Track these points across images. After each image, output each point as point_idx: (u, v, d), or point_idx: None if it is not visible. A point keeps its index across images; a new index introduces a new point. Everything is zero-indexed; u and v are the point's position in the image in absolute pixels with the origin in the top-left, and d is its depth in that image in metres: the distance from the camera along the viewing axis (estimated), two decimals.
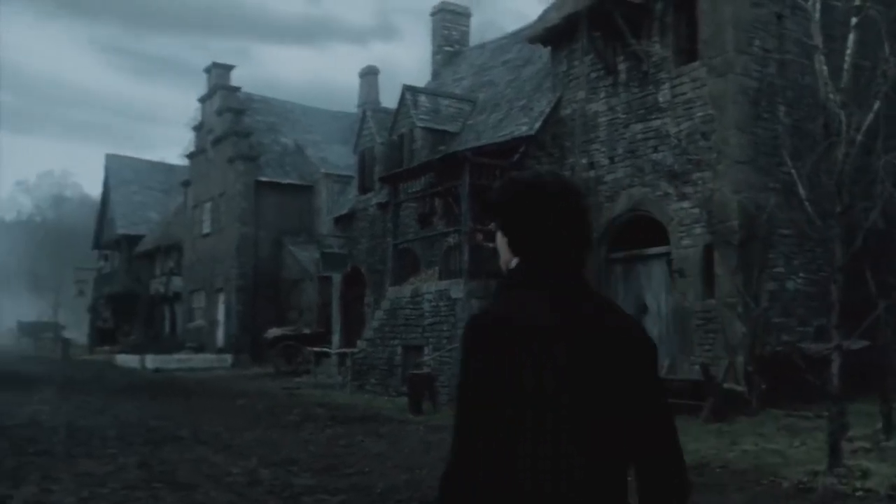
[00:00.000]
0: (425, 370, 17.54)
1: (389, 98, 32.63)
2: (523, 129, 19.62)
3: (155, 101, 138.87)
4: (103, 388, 22.33)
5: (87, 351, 48.17)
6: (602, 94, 18.20)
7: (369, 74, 39.06)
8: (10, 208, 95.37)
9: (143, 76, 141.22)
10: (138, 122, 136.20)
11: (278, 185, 35.40)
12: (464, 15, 29.32)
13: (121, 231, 48.35)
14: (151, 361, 32.35)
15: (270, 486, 8.85)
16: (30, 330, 63.27)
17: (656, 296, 16.99)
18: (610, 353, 1.97)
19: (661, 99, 16.70)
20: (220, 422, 14.76)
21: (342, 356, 22.97)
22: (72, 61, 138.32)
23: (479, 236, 18.42)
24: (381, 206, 24.22)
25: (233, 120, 36.05)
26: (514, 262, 2.11)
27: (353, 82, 39.29)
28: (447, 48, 28.76)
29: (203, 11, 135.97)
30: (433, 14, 29.23)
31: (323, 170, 35.13)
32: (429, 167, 19.46)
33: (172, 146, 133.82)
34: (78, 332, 57.95)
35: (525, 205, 2.09)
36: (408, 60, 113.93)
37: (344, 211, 27.14)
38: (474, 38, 29.38)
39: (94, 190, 52.80)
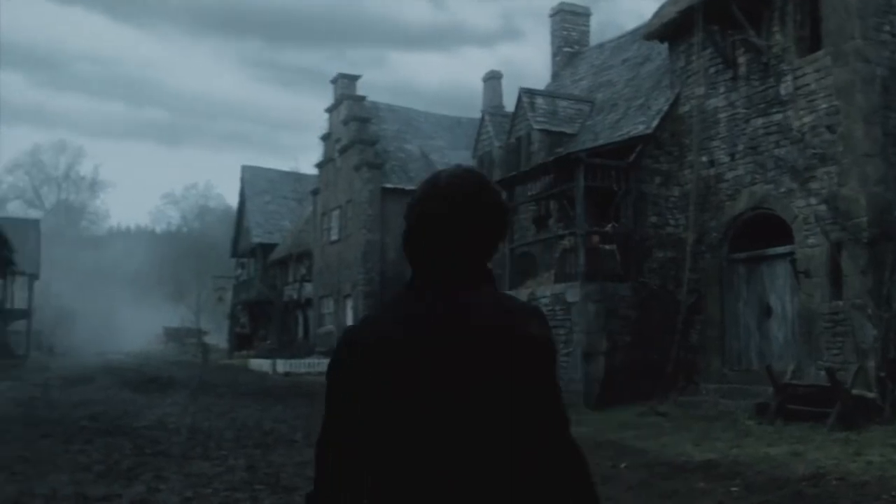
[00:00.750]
0: None
1: (514, 101, 32.55)
2: (640, 128, 19.15)
3: (296, 111, 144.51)
4: (232, 392, 23.10)
5: (227, 355, 50.01)
6: (721, 89, 17.55)
7: (492, 79, 38.96)
8: (161, 220, 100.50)
9: (286, 87, 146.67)
10: (281, 131, 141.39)
11: (403, 191, 35.70)
12: (583, 15, 28.87)
13: (256, 240, 49.99)
14: (281, 365, 33.30)
15: None
16: (175, 335, 66.40)
17: (781, 297, 16.24)
18: (481, 360, 1.81)
19: (782, 91, 15.96)
20: None
21: None
22: (219, 77, 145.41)
23: (595, 238, 18.10)
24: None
25: (358, 128, 36.70)
26: None
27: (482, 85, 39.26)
28: (566, 49, 28.38)
29: (340, 23, 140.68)
30: (552, 15, 28.90)
31: None
32: (543, 170, 19.25)
33: (312, 154, 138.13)
34: (220, 337, 60.29)
35: (406, 212, 1.99)
36: (535, 61, 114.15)
37: None
38: (594, 38, 28.92)
39: (237, 200, 55.06)
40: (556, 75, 28.43)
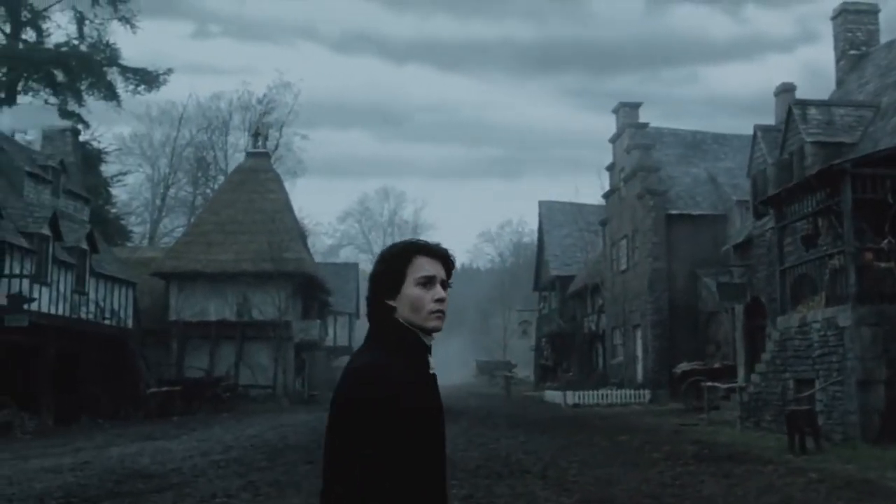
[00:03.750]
0: (807, 405, 16.07)
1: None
2: None
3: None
4: (508, 422, 23.63)
5: (533, 387, 51.06)
6: None
7: (784, 92, 36.60)
8: (479, 257, 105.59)
9: (607, 113, 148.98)
10: (603, 155, 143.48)
11: (689, 216, 34.80)
12: (870, 13, 26.40)
13: (554, 273, 50.88)
14: (571, 397, 33.45)
15: None
16: (485, 368, 68.88)
17: None
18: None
19: None
20: (582, 457, 14.89)
21: (741, 391, 21.83)
22: (545, 110, 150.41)
23: (869, 255, 16.56)
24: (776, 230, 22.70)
25: (641, 156, 36.30)
26: None
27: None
28: (852, 52, 26.14)
29: (651, 47, 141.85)
30: (833, 18, 26.78)
31: (735, 197, 33.82)
32: (806, 185, 17.95)
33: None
34: (528, 369, 61.73)
35: None
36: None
37: (740, 239, 25.88)
38: (885, 37, 26.34)
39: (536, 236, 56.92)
40: (840, 81, 26.36)
